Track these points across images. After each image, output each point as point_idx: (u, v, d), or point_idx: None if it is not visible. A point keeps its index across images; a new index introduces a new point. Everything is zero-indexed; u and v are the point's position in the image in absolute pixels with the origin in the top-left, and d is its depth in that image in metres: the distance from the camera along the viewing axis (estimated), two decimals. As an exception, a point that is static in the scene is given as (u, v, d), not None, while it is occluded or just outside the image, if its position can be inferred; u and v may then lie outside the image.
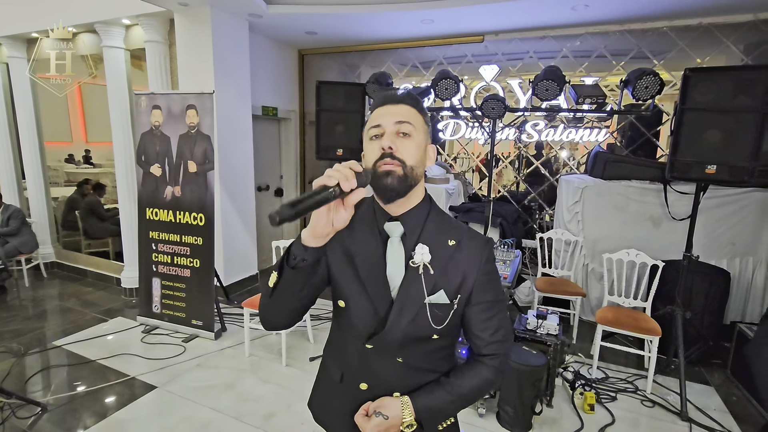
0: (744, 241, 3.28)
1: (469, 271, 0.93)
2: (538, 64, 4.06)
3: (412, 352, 0.94)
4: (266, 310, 0.92)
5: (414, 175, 0.88)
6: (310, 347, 3.30)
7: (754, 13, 3.27)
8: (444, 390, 0.94)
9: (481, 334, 0.96)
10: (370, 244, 0.93)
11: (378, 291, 0.91)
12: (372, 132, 0.90)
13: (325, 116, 3.56)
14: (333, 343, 1.08)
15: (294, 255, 0.81)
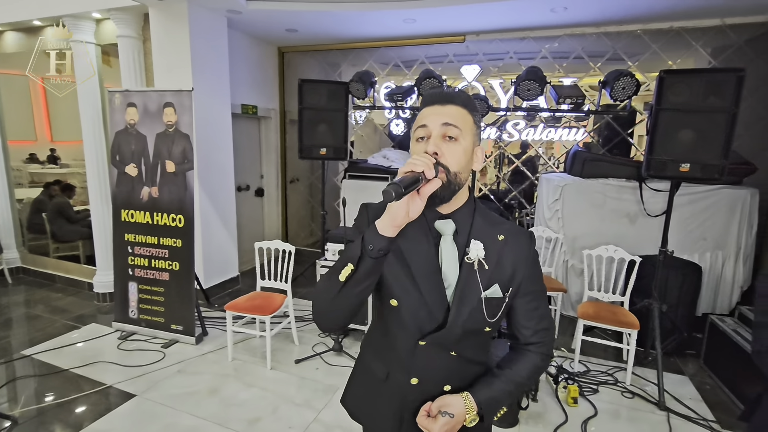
0: (714, 235, 3.42)
1: (518, 264, 0.95)
2: (519, 64, 4.13)
3: (465, 345, 0.96)
4: (330, 307, 0.90)
5: (458, 181, 0.88)
6: (295, 350, 3.25)
7: (721, 18, 3.42)
8: (501, 381, 0.97)
9: (528, 323, 0.99)
10: (421, 242, 0.93)
11: (433, 289, 0.92)
12: (418, 132, 0.91)
13: (307, 115, 3.52)
14: (377, 342, 1.07)
15: (371, 245, 0.82)
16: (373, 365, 1.06)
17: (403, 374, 0.98)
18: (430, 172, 0.79)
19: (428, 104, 0.92)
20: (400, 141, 4.99)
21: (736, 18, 3.37)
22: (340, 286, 0.85)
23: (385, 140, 5.61)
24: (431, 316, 0.92)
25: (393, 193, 0.72)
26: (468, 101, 0.92)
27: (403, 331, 0.96)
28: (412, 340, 0.95)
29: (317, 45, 4.93)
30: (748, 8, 3.20)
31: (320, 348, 3.25)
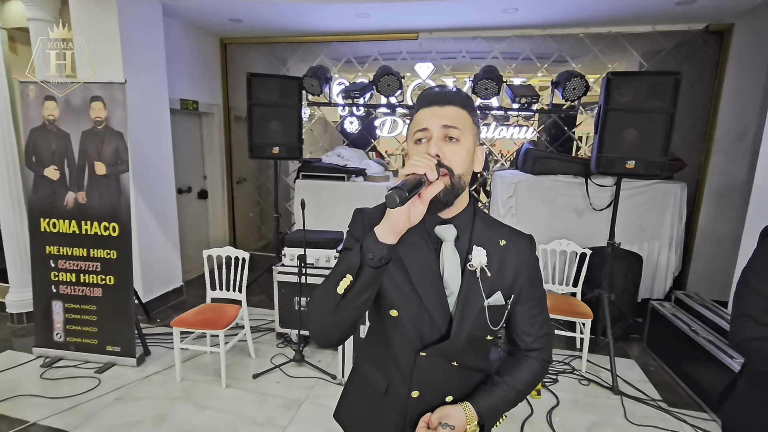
0: (650, 226, 3.70)
1: (520, 270, 0.93)
2: (471, 63, 4.18)
3: (468, 354, 0.93)
4: (329, 322, 0.85)
5: (461, 184, 0.85)
6: (251, 363, 3.03)
7: (652, 25, 3.69)
8: (502, 389, 0.95)
9: (529, 330, 0.97)
10: (421, 249, 0.89)
11: (434, 298, 0.88)
12: (417, 135, 0.86)
13: (257, 111, 3.29)
14: (375, 354, 1.02)
15: (371, 254, 0.77)
16: (372, 378, 1.02)
17: (403, 387, 0.94)
18: (432, 174, 0.75)
19: (426, 105, 0.88)
20: (354, 139, 4.88)
21: (666, 25, 3.65)
22: (338, 298, 0.80)
23: (336, 138, 5.47)
24: (433, 326, 0.89)
25: (397, 198, 0.69)
26: (467, 101, 0.89)
27: (404, 342, 0.92)
28: (413, 351, 0.91)
29: (264, 37, 4.66)
30: (675, 17, 3.47)
31: (279, 359, 3.06)
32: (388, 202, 0.70)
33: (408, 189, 0.70)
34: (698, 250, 3.93)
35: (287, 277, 3.14)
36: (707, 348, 2.58)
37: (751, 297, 1.06)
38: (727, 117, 3.67)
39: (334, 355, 3.16)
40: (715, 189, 3.83)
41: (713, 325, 2.78)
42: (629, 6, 3.24)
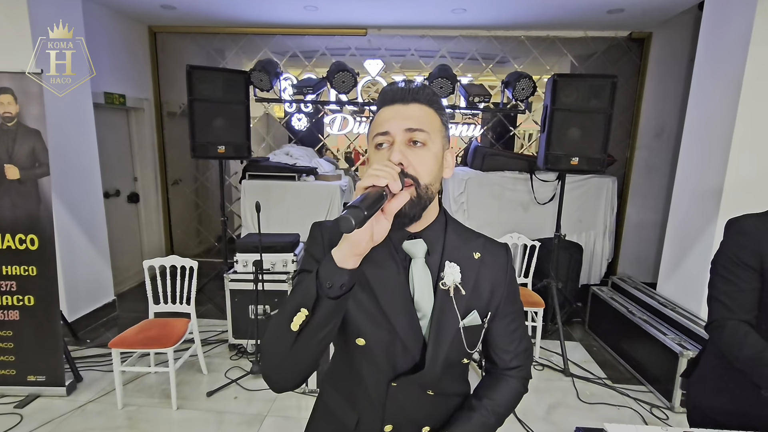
0: (587, 218, 4.00)
1: (497, 284, 0.85)
2: (420, 62, 4.22)
3: (444, 380, 0.83)
4: (285, 363, 0.72)
5: (429, 194, 0.75)
6: (204, 380, 2.81)
7: (584, 31, 3.98)
8: (480, 414, 0.86)
9: (508, 347, 0.90)
10: (389, 267, 0.78)
11: (405, 322, 0.78)
12: (378, 140, 0.75)
13: (200, 107, 3.04)
14: (342, 384, 0.90)
15: (329, 282, 0.66)
16: (339, 411, 0.90)
17: (376, 421, 0.84)
18: (395, 184, 0.65)
19: (387, 103, 0.77)
20: (302, 137, 4.71)
21: (597, 32, 3.95)
22: (293, 336, 0.67)
23: (281, 135, 5.25)
24: (406, 353, 0.80)
25: (353, 221, 0.57)
26: (433, 98, 0.79)
27: (374, 372, 0.82)
28: (385, 381, 0.81)
29: (199, 27, 4.32)
30: (605, 24, 3.77)
31: (235, 373, 2.87)
32: (342, 225, 0.58)
33: (367, 207, 0.60)
34: (626, 237, 4.32)
35: (240, 285, 2.95)
36: (642, 327, 2.84)
37: (718, 281, 1.17)
38: (648, 116, 4.07)
39: (294, 362, 3.03)
40: (639, 181, 4.24)
41: (646, 305, 3.07)
42: (566, 12, 3.45)
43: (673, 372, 2.52)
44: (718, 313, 1.14)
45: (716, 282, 1.18)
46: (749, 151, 2.50)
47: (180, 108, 4.83)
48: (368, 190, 0.64)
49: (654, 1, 3.16)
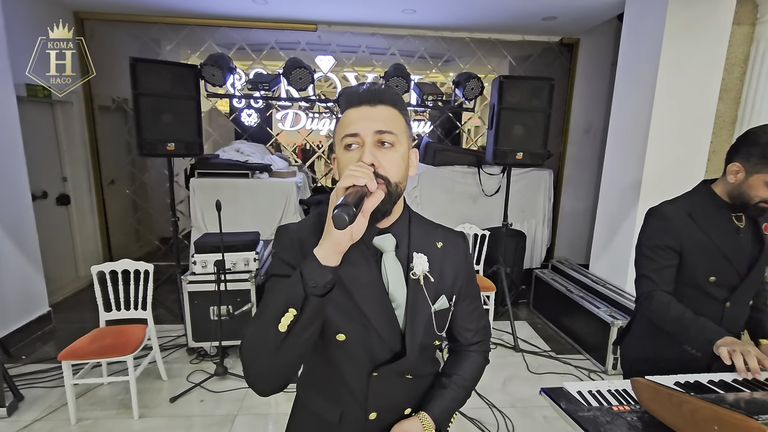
0: (529, 207, 4.36)
1: (458, 270, 0.92)
2: (371, 59, 4.29)
3: (419, 364, 0.89)
4: (271, 365, 0.73)
5: (398, 192, 0.80)
6: (164, 386, 2.71)
7: (522, 35, 4.30)
8: (452, 389, 0.94)
9: (469, 326, 0.98)
10: (360, 264, 0.82)
11: (381, 315, 0.83)
12: (347, 141, 0.78)
13: (146, 103, 2.88)
14: (321, 382, 0.92)
15: (314, 281, 0.69)
16: (321, 409, 0.92)
17: (359, 412, 0.88)
18: (373, 184, 0.71)
19: (354, 105, 0.80)
20: (252, 133, 4.60)
21: (533, 36, 4.29)
22: (281, 337, 0.70)
23: (227, 131, 5.09)
24: (383, 343, 0.84)
25: (347, 218, 0.63)
26: (397, 99, 0.83)
27: (354, 366, 0.85)
28: (364, 373, 0.85)
29: (134, 15, 4.03)
30: (540, 29, 4.11)
31: (198, 377, 2.80)
32: (336, 223, 0.63)
33: (354, 205, 0.65)
34: (562, 224, 4.77)
35: (200, 287, 2.86)
36: (579, 302, 3.19)
37: (643, 260, 1.39)
38: (577, 115, 4.51)
39: (259, 361, 3.02)
40: (571, 174, 4.69)
41: (581, 284, 3.45)
42: (506, 17, 3.72)
43: (606, 340, 2.88)
44: (645, 287, 1.37)
45: (642, 261, 1.41)
46: (662, 148, 2.90)
47: (114, 102, 4.49)
48: (349, 190, 0.68)
49: (581, 11, 3.51)
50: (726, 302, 1.36)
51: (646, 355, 1.48)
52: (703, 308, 1.31)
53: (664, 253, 1.36)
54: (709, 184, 1.40)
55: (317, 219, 0.86)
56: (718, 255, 1.32)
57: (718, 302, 1.36)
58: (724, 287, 1.35)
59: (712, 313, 1.32)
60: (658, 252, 1.36)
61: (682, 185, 1.50)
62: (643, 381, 1.04)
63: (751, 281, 1.36)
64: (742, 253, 1.34)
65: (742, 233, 1.35)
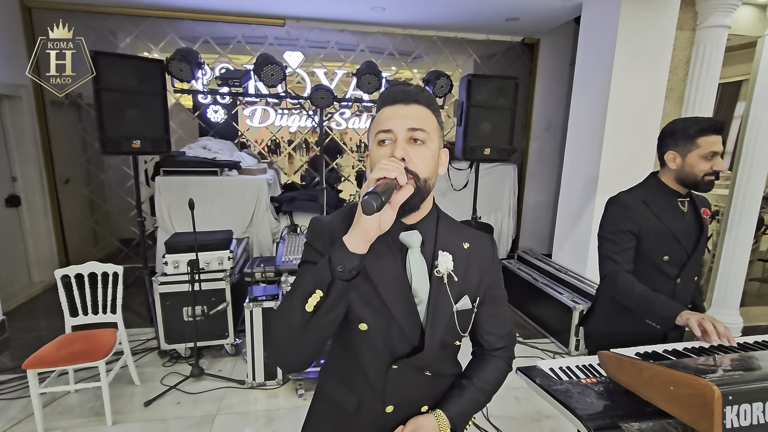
0: (495, 201, 4.54)
1: (484, 272, 0.93)
2: (340, 55, 4.30)
3: (439, 361, 0.91)
4: (297, 344, 0.78)
5: (427, 188, 0.83)
6: (137, 391, 2.64)
7: (487, 34, 4.45)
8: (471, 392, 0.94)
9: (493, 330, 0.98)
10: (386, 257, 0.85)
11: (403, 308, 0.85)
12: (381, 136, 0.82)
13: (109, 98, 2.76)
14: (341, 372, 0.95)
15: (341, 266, 0.73)
16: (340, 397, 0.95)
17: (377, 403, 0.90)
18: (402, 178, 0.73)
19: (389, 103, 0.84)
20: (219, 129, 4.49)
21: (497, 36, 4.45)
22: (307, 317, 0.74)
23: (192, 128, 4.94)
24: (404, 337, 0.86)
25: (374, 204, 0.67)
26: (431, 100, 0.87)
27: (374, 356, 0.87)
28: (384, 365, 0.87)
29: (87, 4, 3.82)
30: (504, 29, 4.27)
31: (172, 379, 2.74)
32: (364, 208, 0.67)
33: (382, 194, 0.69)
34: (525, 216, 5.00)
35: (172, 287, 2.80)
36: (544, 290, 3.39)
37: (607, 244, 1.54)
38: (539, 112, 4.73)
39: (235, 361, 3.00)
40: (534, 168, 4.92)
41: (545, 272, 3.65)
42: (471, 17, 3.85)
43: (569, 323, 3.09)
44: (609, 268, 1.51)
45: (605, 245, 1.55)
46: (617, 144, 3.13)
47: (67, 97, 4.24)
48: (379, 182, 0.71)
49: (542, 13, 3.69)
50: (677, 279, 1.53)
51: (609, 331, 1.62)
52: (658, 285, 1.47)
53: (624, 236, 1.51)
54: (657, 175, 1.57)
55: (348, 212, 0.90)
56: (670, 236, 1.50)
57: (671, 279, 1.53)
58: (675, 265, 1.52)
59: (666, 289, 1.49)
60: (620, 236, 1.51)
61: (635, 178, 1.66)
62: (608, 353, 1.16)
63: (695, 259, 1.54)
64: (689, 234, 1.52)
65: (687, 216, 1.54)
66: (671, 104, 3.27)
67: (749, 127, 3.32)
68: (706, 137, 1.42)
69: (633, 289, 1.42)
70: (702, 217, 1.56)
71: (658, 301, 1.38)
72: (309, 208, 4.03)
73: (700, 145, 1.42)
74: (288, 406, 2.53)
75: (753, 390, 0.87)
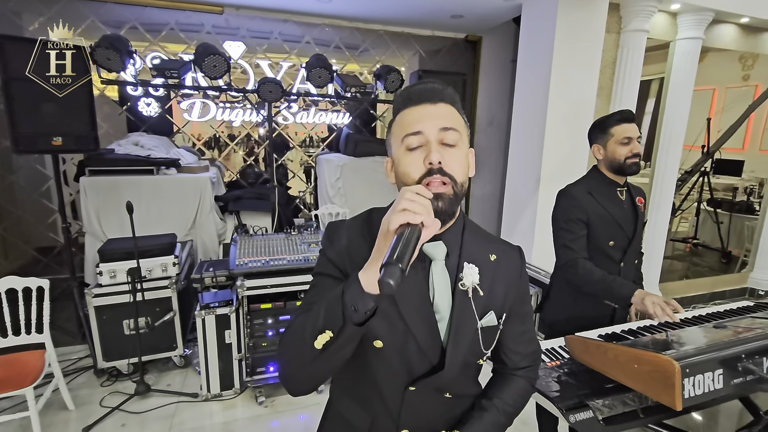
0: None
1: (510, 286, 0.87)
2: (284, 46, 4.13)
3: (460, 382, 0.86)
4: (304, 372, 0.74)
5: (462, 192, 0.77)
6: (72, 417, 2.38)
7: (432, 30, 4.52)
8: (492, 413, 0.88)
9: (517, 348, 0.92)
10: None
11: (423, 325, 0.79)
12: (411, 140, 0.74)
13: (20, 89, 2.42)
14: (354, 388, 0.89)
15: (355, 308, 0.65)
16: (351, 416, 0.89)
17: (390, 424, 0.84)
18: (430, 218, 0.64)
19: (414, 103, 0.78)
20: (152, 124, 4.13)
21: (442, 32, 4.53)
22: (316, 353, 0.68)
23: (119, 123, 4.52)
24: (422, 355, 0.80)
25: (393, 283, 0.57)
26: (456, 98, 0.81)
27: (390, 376, 0.81)
28: (401, 385, 0.81)
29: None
30: (448, 26, 4.36)
31: (114, 399, 2.51)
32: (383, 289, 0.58)
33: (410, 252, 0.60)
34: (473, 208, 5.19)
35: (109, 299, 2.55)
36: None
37: (562, 233, 1.64)
38: (482, 107, 4.91)
39: (185, 373, 2.81)
40: (479, 161, 5.11)
41: (495, 261, 3.82)
42: (418, 13, 3.87)
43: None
44: (568, 256, 1.61)
45: (561, 234, 1.66)
46: (557, 140, 3.33)
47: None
48: (402, 230, 0.62)
49: (485, 11, 3.81)
50: (621, 262, 1.69)
51: (564, 316, 1.74)
52: (605, 268, 1.60)
53: (576, 225, 1.63)
54: (597, 168, 1.73)
55: (366, 219, 0.86)
56: (614, 223, 1.65)
57: (615, 262, 1.68)
58: (619, 249, 1.68)
59: (611, 272, 1.62)
60: (572, 225, 1.63)
61: (575, 170, 1.80)
62: (574, 338, 1.23)
63: (635, 243, 1.71)
64: (629, 220, 1.69)
65: (625, 204, 1.70)
66: (601, 101, 3.55)
67: (665, 121, 3.71)
68: (617, 126, 1.63)
69: (593, 274, 1.53)
70: (637, 205, 1.73)
71: (616, 283, 1.50)
72: (258, 206, 3.86)
73: (614, 134, 1.63)
74: (248, 416, 2.43)
75: (703, 361, 0.98)
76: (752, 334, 1.07)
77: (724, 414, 2.26)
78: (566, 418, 1.06)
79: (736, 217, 5.21)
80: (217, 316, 2.41)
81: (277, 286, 2.39)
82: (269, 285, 2.38)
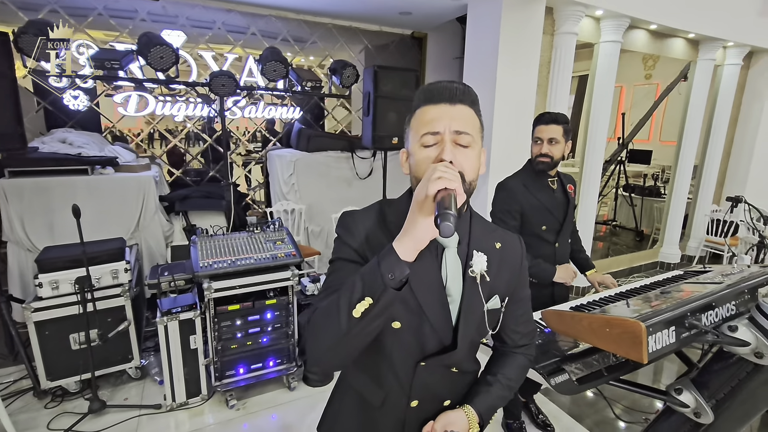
0: (399, 186, 4.78)
1: (513, 272, 0.96)
2: (228, 37, 3.95)
3: (465, 359, 0.95)
4: (339, 346, 0.77)
5: (471, 189, 0.84)
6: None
7: (380, 26, 4.58)
8: (497, 387, 0.98)
9: (518, 328, 1.02)
10: (425, 256, 0.83)
11: (437, 307, 0.87)
12: (427, 139, 0.81)
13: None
14: (368, 366, 0.94)
15: (391, 274, 0.71)
16: (365, 391, 0.96)
17: (402, 398, 0.92)
18: (461, 187, 0.72)
19: (433, 101, 0.82)
20: (80, 119, 3.75)
21: (390, 28, 4.60)
22: (353, 323, 0.73)
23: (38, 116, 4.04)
24: (435, 335, 0.88)
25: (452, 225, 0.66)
26: (475, 99, 0.86)
27: (404, 353, 0.89)
28: (413, 362, 0.89)
29: None
30: (396, 22, 4.44)
31: (63, 421, 2.30)
32: (444, 232, 0.65)
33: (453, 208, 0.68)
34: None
35: (52, 313, 2.31)
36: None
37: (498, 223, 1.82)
38: (429, 102, 5.08)
39: (142, 384, 2.64)
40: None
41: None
42: (367, 9, 3.91)
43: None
44: None
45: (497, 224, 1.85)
46: (503, 132, 3.57)
47: None
48: (442, 194, 0.69)
49: (432, 10, 3.95)
50: (555, 243, 1.94)
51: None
52: (542, 249, 1.87)
53: (508, 216, 1.88)
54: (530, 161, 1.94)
55: (379, 210, 0.91)
56: (545, 210, 1.89)
57: (550, 244, 1.93)
58: (552, 232, 1.93)
59: (548, 252, 1.89)
60: (506, 215, 1.86)
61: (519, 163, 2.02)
62: (550, 311, 1.38)
63: (567, 225, 1.96)
64: (559, 207, 1.94)
65: (556, 192, 1.94)
66: (540, 98, 3.86)
67: (591, 115, 4.13)
68: (536, 126, 1.85)
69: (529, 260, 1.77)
70: (568, 192, 1.97)
71: (543, 265, 1.83)
72: (207, 205, 3.68)
73: (534, 133, 1.86)
74: (218, 421, 2.36)
75: (661, 321, 1.16)
76: (691, 297, 1.28)
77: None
78: (548, 382, 1.20)
79: (646, 200, 5.95)
80: (181, 322, 2.30)
81: (246, 286, 2.34)
82: (238, 285, 2.31)
